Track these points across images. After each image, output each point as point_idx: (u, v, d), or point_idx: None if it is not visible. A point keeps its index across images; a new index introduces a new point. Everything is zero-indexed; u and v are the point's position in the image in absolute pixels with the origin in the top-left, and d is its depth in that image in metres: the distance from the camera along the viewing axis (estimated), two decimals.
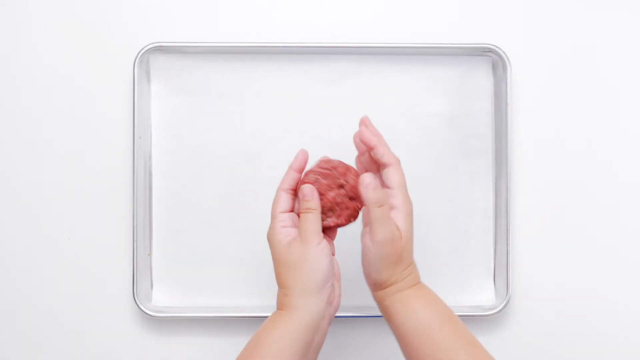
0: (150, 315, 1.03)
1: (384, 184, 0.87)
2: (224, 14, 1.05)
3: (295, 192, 0.89)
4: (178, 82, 1.05)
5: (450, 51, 1.04)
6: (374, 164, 0.90)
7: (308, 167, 0.91)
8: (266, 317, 0.98)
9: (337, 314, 0.91)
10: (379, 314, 0.98)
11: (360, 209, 0.90)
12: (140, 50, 1.02)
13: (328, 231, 0.90)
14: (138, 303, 1.02)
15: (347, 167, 0.90)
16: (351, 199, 0.89)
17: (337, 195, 0.89)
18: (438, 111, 1.05)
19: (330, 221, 0.89)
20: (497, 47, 1.03)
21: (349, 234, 0.91)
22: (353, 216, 0.90)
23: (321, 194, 0.88)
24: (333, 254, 0.90)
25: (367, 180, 0.85)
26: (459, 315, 1.02)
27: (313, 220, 0.86)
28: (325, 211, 0.89)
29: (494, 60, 1.05)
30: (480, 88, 1.05)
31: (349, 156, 1.05)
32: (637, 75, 1.06)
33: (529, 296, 1.06)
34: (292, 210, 0.89)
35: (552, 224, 1.06)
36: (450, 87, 1.05)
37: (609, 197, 1.06)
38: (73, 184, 1.05)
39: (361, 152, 0.91)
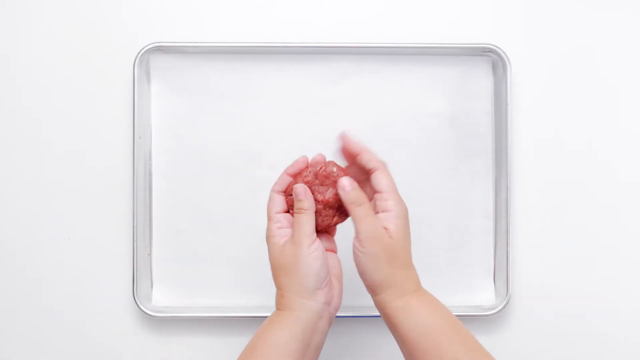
0: (150, 315, 1.03)
1: (374, 189, 0.87)
2: (224, 14, 1.05)
3: (287, 194, 0.89)
4: (178, 82, 1.05)
5: (450, 51, 1.04)
6: (363, 174, 0.89)
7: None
8: (266, 317, 0.98)
9: (337, 314, 0.91)
10: (379, 314, 0.98)
11: None
12: (140, 50, 1.02)
13: (328, 228, 0.90)
14: (138, 303, 1.02)
15: (331, 162, 0.90)
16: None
17: (335, 193, 0.88)
18: (438, 111, 1.05)
19: (336, 219, 0.89)
20: (497, 47, 1.03)
21: (351, 233, 0.91)
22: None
23: (319, 194, 0.88)
24: (335, 251, 0.90)
25: (344, 183, 0.86)
26: (459, 316, 1.03)
27: (306, 222, 0.86)
28: (329, 210, 0.89)
29: (494, 60, 1.05)
30: (480, 88, 1.05)
31: None
32: (637, 75, 1.06)
33: (529, 296, 1.06)
34: (287, 211, 0.89)
35: (552, 224, 1.06)
36: (450, 87, 1.05)
37: (609, 197, 1.06)
38: (73, 184, 1.05)
39: (349, 164, 0.91)
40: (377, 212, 0.86)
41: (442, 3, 1.06)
